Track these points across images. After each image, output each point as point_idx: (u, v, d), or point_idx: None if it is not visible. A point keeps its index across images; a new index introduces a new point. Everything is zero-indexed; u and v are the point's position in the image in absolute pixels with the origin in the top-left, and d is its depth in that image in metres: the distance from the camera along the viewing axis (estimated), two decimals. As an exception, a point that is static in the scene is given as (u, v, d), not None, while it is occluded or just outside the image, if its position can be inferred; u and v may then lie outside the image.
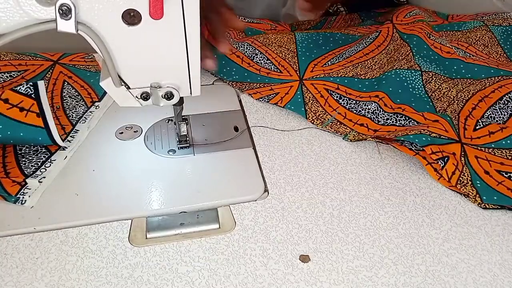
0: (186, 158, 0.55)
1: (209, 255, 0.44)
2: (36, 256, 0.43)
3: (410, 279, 0.42)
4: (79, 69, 0.69)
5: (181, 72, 0.43)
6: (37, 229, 0.46)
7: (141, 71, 0.42)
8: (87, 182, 0.51)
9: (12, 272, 0.42)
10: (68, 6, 0.33)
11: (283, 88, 0.66)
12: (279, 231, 0.46)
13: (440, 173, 0.52)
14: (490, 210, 0.49)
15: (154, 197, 0.49)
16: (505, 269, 0.43)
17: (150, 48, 0.40)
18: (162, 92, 0.44)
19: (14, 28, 0.34)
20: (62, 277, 0.41)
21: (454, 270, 0.43)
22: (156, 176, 0.52)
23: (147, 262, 0.43)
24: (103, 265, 0.42)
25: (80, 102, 0.62)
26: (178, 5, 0.37)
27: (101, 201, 0.49)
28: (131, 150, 0.56)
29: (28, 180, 0.49)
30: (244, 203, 0.49)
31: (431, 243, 0.45)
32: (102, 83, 0.42)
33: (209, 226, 0.46)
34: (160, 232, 0.46)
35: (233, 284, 0.41)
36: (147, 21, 0.37)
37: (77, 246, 0.44)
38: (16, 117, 0.52)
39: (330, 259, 0.43)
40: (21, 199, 0.48)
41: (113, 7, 0.36)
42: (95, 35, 0.36)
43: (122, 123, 0.60)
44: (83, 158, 0.54)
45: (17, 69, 0.67)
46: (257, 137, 0.59)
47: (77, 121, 0.59)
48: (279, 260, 0.43)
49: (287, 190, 0.51)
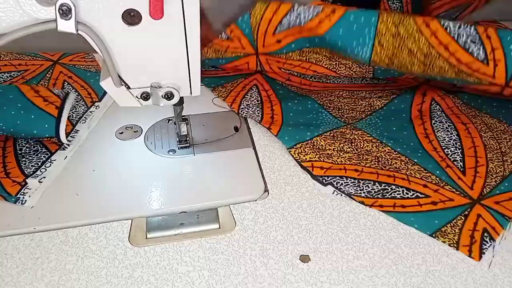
0: (186, 158, 0.55)
1: (209, 255, 0.44)
2: (36, 256, 0.43)
3: (410, 279, 0.42)
4: (79, 69, 0.69)
5: (181, 72, 0.43)
6: (37, 229, 0.46)
7: (141, 71, 0.42)
8: (87, 182, 0.51)
9: (12, 272, 0.42)
10: (68, 6, 0.33)
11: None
12: (279, 231, 0.46)
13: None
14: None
15: (154, 197, 0.49)
16: (505, 269, 0.43)
17: (150, 48, 0.40)
18: (162, 92, 0.44)
19: (14, 28, 0.34)
20: (62, 277, 0.41)
21: (454, 270, 0.42)
22: (156, 176, 0.52)
23: (147, 262, 0.43)
24: (103, 265, 0.42)
25: (80, 102, 0.62)
26: (178, 5, 0.37)
27: (101, 201, 0.49)
28: (131, 150, 0.56)
29: (28, 180, 0.50)
30: (244, 203, 0.49)
31: (431, 243, 0.45)
32: (102, 83, 0.42)
33: (209, 226, 0.46)
34: (160, 232, 0.46)
35: (233, 284, 0.41)
36: (147, 21, 0.37)
37: (77, 246, 0.44)
38: (37, 102, 0.54)
39: (330, 259, 0.43)
40: (21, 199, 0.48)
41: (113, 7, 0.35)
42: (95, 35, 0.36)
43: (122, 123, 0.60)
44: (83, 158, 0.54)
45: (17, 69, 0.67)
46: (257, 137, 0.59)
47: (77, 121, 0.59)
48: (279, 260, 0.43)
49: (287, 190, 0.51)
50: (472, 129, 0.58)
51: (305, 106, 0.63)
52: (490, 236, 0.45)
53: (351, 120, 0.61)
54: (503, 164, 0.53)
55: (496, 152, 0.55)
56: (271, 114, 0.62)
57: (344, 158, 0.54)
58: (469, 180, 0.51)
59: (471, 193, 0.50)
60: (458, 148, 0.55)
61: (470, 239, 0.45)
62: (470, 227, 0.46)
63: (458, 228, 0.46)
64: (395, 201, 0.49)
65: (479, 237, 0.45)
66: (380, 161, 0.54)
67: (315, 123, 0.60)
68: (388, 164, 0.53)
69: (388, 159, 0.54)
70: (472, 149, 0.55)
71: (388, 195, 0.50)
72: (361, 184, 0.51)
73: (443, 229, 0.46)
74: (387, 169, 0.53)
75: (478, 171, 0.52)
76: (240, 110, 0.62)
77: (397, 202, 0.49)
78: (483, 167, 0.53)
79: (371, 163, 0.53)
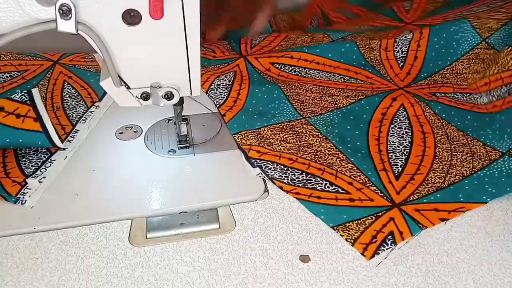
0: (186, 158, 0.55)
1: (209, 255, 0.44)
2: (36, 256, 0.43)
3: (410, 279, 0.41)
4: (79, 69, 0.69)
5: (181, 72, 0.43)
6: (37, 229, 0.46)
7: (141, 71, 0.42)
8: (87, 182, 0.51)
9: (12, 272, 0.42)
10: (68, 6, 0.33)
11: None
12: (279, 231, 0.46)
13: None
14: (490, 210, 0.49)
15: (154, 197, 0.49)
16: (505, 269, 0.43)
17: (150, 48, 0.40)
18: (162, 92, 0.44)
19: (14, 28, 0.34)
20: (62, 277, 0.41)
21: (454, 270, 0.42)
22: (156, 176, 0.52)
23: (147, 262, 0.43)
24: (103, 265, 0.42)
25: (80, 102, 0.62)
26: (178, 5, 0.37)
27: (101, 201, 0.49)
28: (131, 150, 0.56)
29: (28, 180, 0.50)
30: (244, 203, 0.49)
31: (431, 243, 0.45)
32: (102, 83, 0.42)
33: (209, 226, 0.46)
34: (160, 232, 0.46)
35: (233, 284, 0.41)
36: (147, 21, 0.37)
37: (77, 246, 0.44)
38: (13, 124, 0.52)
39: (330, 259, 0.43)
40: (21, 199, 0.48)
41: (113, 7, 0.35)
42: (95, 35, 0.36)
43: (122, 123, 0.60)
44: (83, 158, 0.54)
45: (17, 69, 0.67)
46: (257, 137, 0.59)
47: (77, 121, 0.59)
48: (279, 260, 0.43)
49: (287, 190, 0.51)
50: (429, 139, 0.57)
51: (271, 94, 0.64)
52: (393, 239, 0.45)
53: (308, 114, 0.62)
54: (446, 176, 0.52)
55: (444, 164, 0.54)
56: (235, 98, 0.63)
57: (283, 147, 0.56)
58: (399, 186, 0.51)
59: (395, 198, 0.49)
60: (404, 155, 0.55)
61: (371, 238, 0.45)
62: (377, 228, 0.46)
63: (363, 227, 0.46)
64: (313, 191, 0.50)
65: (381, 238, 0.45)
66: (317, 155, 0.55)
67: (272, 112, 0.62)
68: (323, 159, 0.54)
69: (326, 154, 0.55)
70: (419, 157, 0.55)
71: (309, 185, 0.51)
72: (289, 172, 0.52)
73: (348, 224, 0.46)
74: (320, 163, 0.54)
75: (414, 178, 0.52)
76: (209, 90, 0.64)
77: (314, 193, 0.50)
78: (421, 175, 0.52)
79: (307, 155, 0.55)
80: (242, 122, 0.60)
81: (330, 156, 0.55)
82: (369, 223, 0.46)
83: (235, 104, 0.62)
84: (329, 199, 0.49)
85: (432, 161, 0.54)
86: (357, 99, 0.63)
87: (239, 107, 0.62)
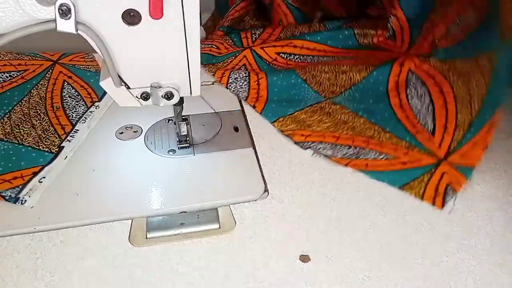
0: (186, 158, 0.55)
1: (209, 255, 0.44)
2: (36, 256, 0.43)
3: (410, 279, 0.42)
4: (79, 69, 0.69)
5: (181, 72, 0.43)
6: (37, 229, 0.46)
7: (141, 71, 0.42)
8: (87, 182, 0.51)
9: (12, 272, 0.42)
10: (68, 6, 0.33)
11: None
12: (279, 231, 0.46)
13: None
14: (490, 210, 0.49)
15: (154, 197, 0.49)
16: (505, 269, 0.43)
17: (150, 48, 0.40)
18: (162, 92, 0.44)
19: (14, 28, 0.34)
20: (62, 277, 0.41)
21: (454, 270, 0.43)
22: (156, 176, 0.52)
23: (147, 262, 0.43)
24: (103, 265, 0.42)
25: (80, 102, 0.62)
26: (178, 5, 0.37)
27: (101, 201, 0.48)
28: (131, 150, 0.56)
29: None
30: (244, 203, 0.49)
31: (432, 243, 0.45)
32: (102, 83, 0.42)
33: (209, 226, 0.46)
34: (160, 232, 0.46)
35: (233, 284, 0.41)
36: (147, 21, 0.37)
37: (77, 246, 0.44)
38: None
39: (330, 259, 0.43)
40: (21, 199, 0.48)
41: (113, 7, 0.35)
42: (95, 35, 0.36)
43: (122, 123, 0.60)
44: (83, 158, 0.54)
45: (17, 69, 0.67)
46: (257, 137, 0.59)
47: (77, 121, 0.59)
48: (279, 260, 0.43)
49: (287, 190, 0.51)
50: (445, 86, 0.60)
51: (289, 81, 0.66)
52: (453, 189, 0.51)
53: (330, 95, 0.65)
54: (471, 109, 0.55)
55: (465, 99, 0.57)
56: (257, 89, 0.65)
57: (323, 128, 0.60)
58: (438, 139, 0.56)
59: (439, 152, 0.55)
60: (429, 113, 0.59)
61: (434, 192, 0.50)
62: (435, 182, 0.51)
63: (424, 184, 0.51)
64: (368, 161, 0.55)
65: (442, 190, 0.51)
66: (356, 130, 0.59)
67: (297, 98, 0.65)
68: (363, 132, 0.59)
69: (363, 128, 0.59)
70: (443, 108, 0.58)
71: (362, 156, 0.55)
72: (338, 148, 0.57)
73: (411, 183, 0.52)
74: (362, 136, 0.58)
75: (447, 127, 0.56)
76: (229, 85, 0.66)
77: (369, 163, 0.54)
78: (451, 123, 0.56)
79: (348, 131, 0.59)
80: (275, 110, 0.63)
81: (367, 129, 0.59)
82: (427, 180, 0.52)
83: (260, 95, 0.65)
84: (384, 166, 0.54)
85: (456, 105, 0.57)
86: (370, 71, 0.66)
87: (264, 98, 0.64)
